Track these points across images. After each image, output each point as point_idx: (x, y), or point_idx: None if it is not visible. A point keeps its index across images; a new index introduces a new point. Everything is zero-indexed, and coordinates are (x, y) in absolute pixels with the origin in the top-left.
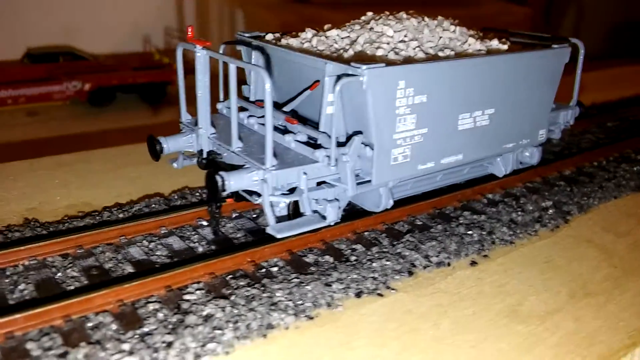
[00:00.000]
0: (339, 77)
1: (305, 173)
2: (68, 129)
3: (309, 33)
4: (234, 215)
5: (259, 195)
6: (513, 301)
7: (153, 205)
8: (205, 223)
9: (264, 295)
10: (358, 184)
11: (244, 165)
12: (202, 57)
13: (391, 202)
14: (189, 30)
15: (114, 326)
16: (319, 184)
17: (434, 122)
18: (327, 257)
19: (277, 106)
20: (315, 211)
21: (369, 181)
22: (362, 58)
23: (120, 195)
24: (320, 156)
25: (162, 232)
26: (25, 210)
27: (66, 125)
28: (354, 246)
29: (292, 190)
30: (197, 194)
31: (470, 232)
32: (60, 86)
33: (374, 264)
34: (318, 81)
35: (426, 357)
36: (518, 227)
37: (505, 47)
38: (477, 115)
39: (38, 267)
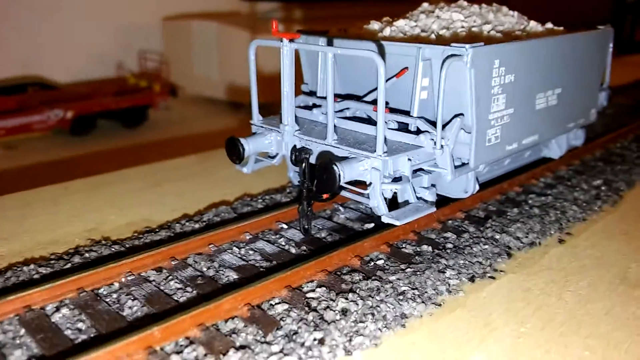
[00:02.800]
0: (444, 59)
1: (409, 159)
2: (56, 158)
3: (375, 25)
4: None
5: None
6: (618, 270)
7: (223, 214)
8: (285, 226)
9: (387, 286)
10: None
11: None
12: (289, 51)
13: (477, 187)
14: (274, 24)
15: (250, 329)
16: (414, 171)
17: (519, 102)
18: (424, 247)
19: (354, 98)
20: (419, 198)
21: (463, 165)
22: (449, 41)
23: (176, 209)
24: (426, 141)
25: (248, 237)
26: (85, 232)
27: (52, 155)
28: (444, 234)
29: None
30: (260, 199)
31: (545, 213)
32: (40, 116)
33: (473, 249)
34: (406, 68)
35: (570, 328)
36: (584, 204)
37: (562, 28)
38: (549, 95)
39: (138, 282)
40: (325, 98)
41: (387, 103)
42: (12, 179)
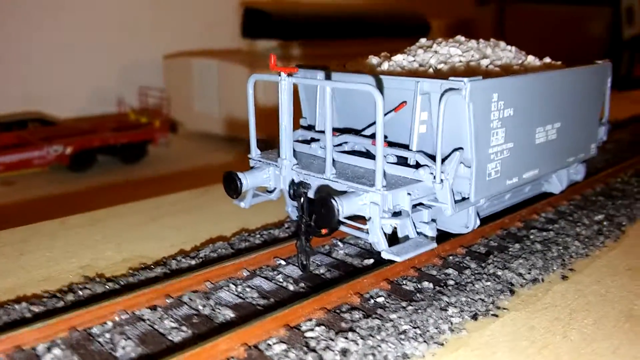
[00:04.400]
0: (442, 93)
1: (409, 193)
2: (56, 193)
3: (373, 59)
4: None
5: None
6: (623, 307)
7: (220, 250)
8: (283, 262)
9: (387, 325)
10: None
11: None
12: (287, 85)
13: (478, 222)
14: (272, 58)
15: None
16: (414, 206)
17: (518, 136)
18: (425, 284)
19: (352, 132)
20: (419, 233)
21: (463, 200)
22: (447, 75)
23: (174, 244)
24: (425, 175)
25: (245, 274)
26: (80, 268)
27: (50, 190)
28: (446, 271)
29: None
30: (258, 234)
31: (547, 248)
32: (40, 151)
33: (475, 286)
34: (405, 102)
35: None
36: (586, 240)
37: (560, 63)
38: (548, 129)
39: (131, 321)
40: (323, 132)
41: (385, 137)
42: (10, 215)
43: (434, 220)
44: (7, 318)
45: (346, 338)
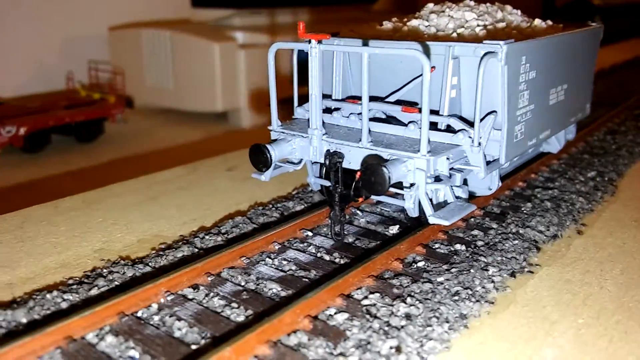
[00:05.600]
0: (482, 56)
1: (447, 158)
2: (24, 178)
3: (389, 24)
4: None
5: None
6: None
7: (241, 225)
8: (310, 234)
9: (439, 288)
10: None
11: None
12: (317, 53)
13: (500, 184)
14: (300, 26)
15: (318, 342)
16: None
17: (538, 98)
18: (458, 246)
19: (375, 99)
20: (457, 197)
21: (492, 162)
22: (474, 39)
23: (186, 222)
24: (464, 139)
25: (277, 247)
26: (95, 252)
27: (10, 175)
28: (472, 232)
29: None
30: (273, 208)
31: (557, 206)
32: None
33: (505, 245)
34: (434, 67)
35: (623, 315)
36: (587, 195)
37: (561, 25)
38: (559, 91)
39: (178, 302)
40: (343, 100)
41: (415, 103)
42: None
43: (465, 183)
44: (40, 309)
45: (405, 302)
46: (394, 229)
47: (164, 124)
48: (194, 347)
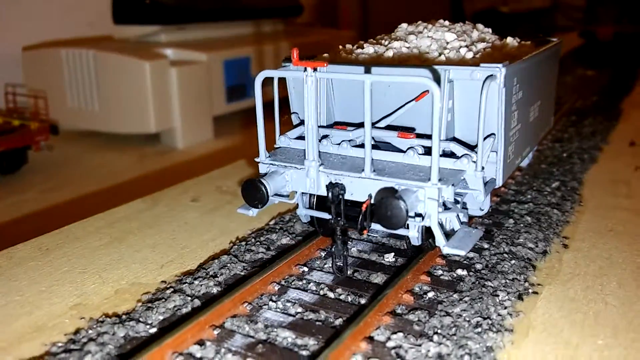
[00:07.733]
0: (484, 80)
1: (453, 184)
2: None
3: (369, 48)
4: (322, 254)
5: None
6: (632, 267)
7: (229, 265)
8: (306, 269)
9: (459, 320)
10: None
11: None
12: (313, 82)
13: (491, 204)
14: (294, 53)
15: None
16: None
17: (523, 117)
18: (459, 271)
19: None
20: (462, 223)
21: (487, 183)
22: (465, 62)
23: (164, 265)
24: (469, 164)
25: (276, 288)
26: (70, 309)
27: None
28: (467, 255)
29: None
30: (257, 241)
31: (537, 220)
32: None
33: (505, 267)
34: (427, 91)
35: (636, 334)
36: (559, 206)
37: (529, 42)
38: (534, 107)
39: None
40: (329, 127)
41: (413, 129)
42: None
43: (465, 208)
44: None
45: (432, 341)
46: (389, 257)
47: (92, 149)
48: None
